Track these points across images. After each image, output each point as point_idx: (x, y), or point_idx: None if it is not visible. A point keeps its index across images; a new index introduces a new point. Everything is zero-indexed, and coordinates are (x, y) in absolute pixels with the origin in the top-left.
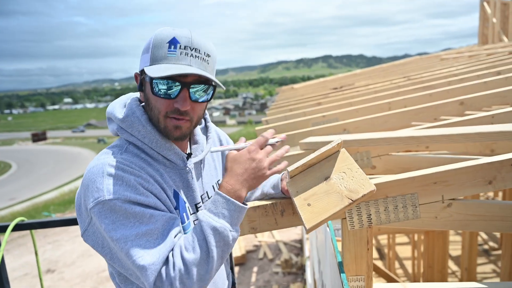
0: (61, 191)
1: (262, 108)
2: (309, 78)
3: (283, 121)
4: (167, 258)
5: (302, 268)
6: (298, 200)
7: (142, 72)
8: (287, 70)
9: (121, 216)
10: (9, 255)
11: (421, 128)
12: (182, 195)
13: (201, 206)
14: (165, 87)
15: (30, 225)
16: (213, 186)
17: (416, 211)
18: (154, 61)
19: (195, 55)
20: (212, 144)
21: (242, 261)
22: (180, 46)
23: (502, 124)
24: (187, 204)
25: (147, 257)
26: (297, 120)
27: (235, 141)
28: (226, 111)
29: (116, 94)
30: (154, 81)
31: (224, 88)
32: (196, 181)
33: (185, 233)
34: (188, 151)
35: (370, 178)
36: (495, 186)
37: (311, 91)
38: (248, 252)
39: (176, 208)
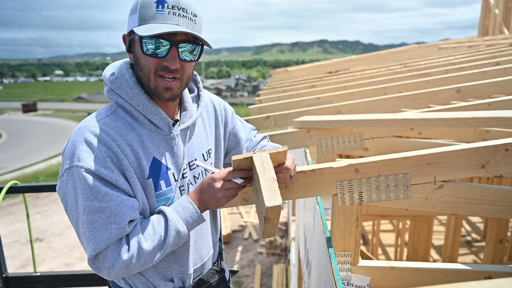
0: (50, 163)
1: (254, 90)
2: (303, 62)
3: (276, 101)
4: (122, 242)
5: (286, 250)
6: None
7: (131, 33)
8: (282, 53)
9: (82, 185)
10: None
11: (416, 112)
12: (165, 161)
13: (187, 173)
14: (154, 46)
15: (23, 188)
16: (203, 154)
17: (407, 191)
18: (142, 21)
19: (183, 15)
20: (205, 112)
21: (227, 240)
22: (168, 5)
23: (499, 110)
24: (171, 171)
25: (96, 234)
26: (290, 101)
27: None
28: (218, 92)
29: None
30: (143, 40)
31: (212, 47)
32: (183, 148)
33: (163, 199)
34: (177, 117)
35: (362, 158)
36: (488, 170)
37: (305, 74)
38: (234, 231)
39: (148, 178)
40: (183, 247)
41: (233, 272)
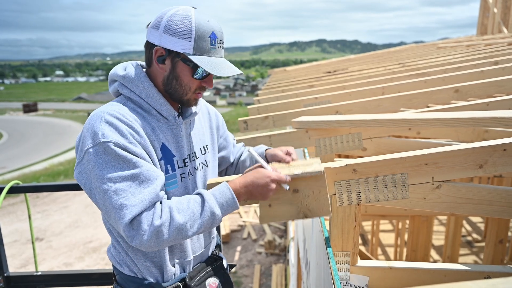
0: (51, 163)
1: (253, 90)
2: (302, 62)
3: (274, 101)
4: (154, 206)
5: (285, 250)
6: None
7: (172, 51)
8: (280, 52)
9: (112, 158)
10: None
11: (414, 112)
12: (171, 148)
13: (188, 163)
14: (202, 73)
15: (25, 188)
16: (200, 149)
17: (405, 191)
18: (198, 51)
19: (222, 47)
20: (201, 113)
21: (226, 240)
22: (217, 40)
23: (497, 110)
24: (175, 158)
25: (130, 198)
26: (289, 101)
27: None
28: (217, 92)
29: (108, 68)
30: (198, 69)
31: (242, 73)
32: (185, 139)
33: (170, 182)
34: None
35: (360, 158)
36: (485, 170)
37: (303, 74)
38: (233, 231)
39: (160, 159)
40: None
41: (231, 266)
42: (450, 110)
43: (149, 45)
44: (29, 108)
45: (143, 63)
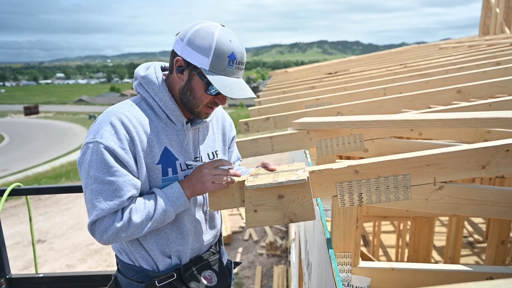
0: (52, 165)
1: (254, 91)
2: (303, 63)
3: (276, 103)
4: (118, 211)
5: (286, 251)
6: (248, 204)
7: (190, 64)
8: (281, 54)
9: (99, 159)
10: (1, 224)
11: (416, 112)
12: (175, 152)
13: (192, 166)
14: (215, 90)
15: (26, 190)
16: (208, 154)
17: (407, 192)
18: (214, 69)
19: (241, 67)
20: (215, 121)
21: (228, 241)
22: (235, 61)
23: (499, 111)
24: (178, 161)
25: (102, 202)
26: (290, 102)
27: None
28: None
29: (108, 71)
30: (211, 86)
31: (255, 96)
32: (192, 144)
33: (169, 183)
34: (191, 117)
35: (361, 159)
36: (488, 171)
37: (305, 75)
38: (234, 233)
39: (158, 163)
40: (183, 228)
41: (236, 264)
42: (452, 111)
43: (173, 54)
44: (30, 111)
45: (167, 65)
